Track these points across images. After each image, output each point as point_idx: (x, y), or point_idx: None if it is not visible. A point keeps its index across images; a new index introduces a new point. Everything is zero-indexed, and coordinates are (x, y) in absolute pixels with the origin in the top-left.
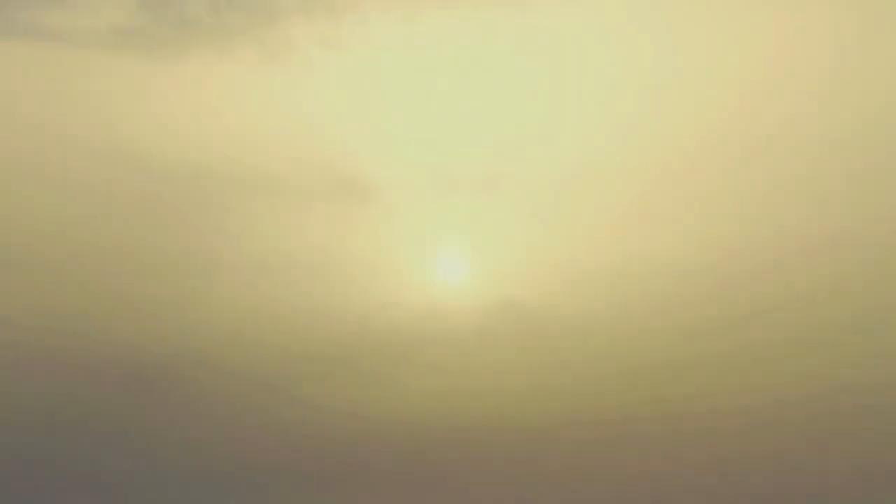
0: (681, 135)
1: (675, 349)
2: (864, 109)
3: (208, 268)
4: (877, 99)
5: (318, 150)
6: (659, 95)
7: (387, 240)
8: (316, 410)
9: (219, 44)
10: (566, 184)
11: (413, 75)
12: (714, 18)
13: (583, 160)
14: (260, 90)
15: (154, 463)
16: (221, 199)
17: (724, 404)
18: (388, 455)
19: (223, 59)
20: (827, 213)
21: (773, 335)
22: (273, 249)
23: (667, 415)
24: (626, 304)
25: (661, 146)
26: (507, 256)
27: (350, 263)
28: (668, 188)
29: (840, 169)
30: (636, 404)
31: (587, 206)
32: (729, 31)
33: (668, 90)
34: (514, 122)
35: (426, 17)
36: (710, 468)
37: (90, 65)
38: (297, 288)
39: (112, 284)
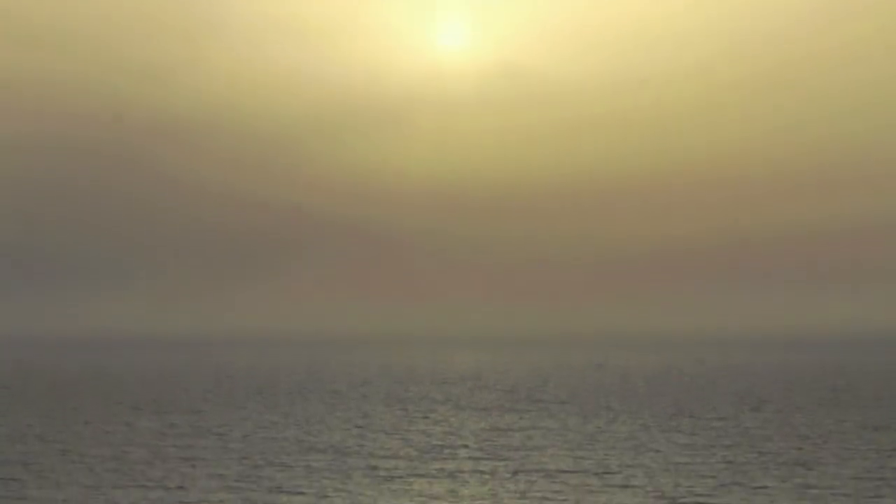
0: None
1: (676, 113)
2: None
3: (206, 32)
4: None
5: None
6: None
7: (388, 3)
8: (321, 168)
9: None
10: None
11: None
12: None
13: None
14: None
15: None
16: None
17: (718, 169)
18: (390, 210)
19: None
20: None
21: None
22: (273, 13)
23: (664, 174)
24: (626, 69)
25: None
26: (508, 21)
27: (350, 27)
28: None
29: None
30: (635, 166)
31: None
32: None
33: None
34: None
35: None
36: (700, 223)
37: None
38: (298, 52)
39: (113, 49)
